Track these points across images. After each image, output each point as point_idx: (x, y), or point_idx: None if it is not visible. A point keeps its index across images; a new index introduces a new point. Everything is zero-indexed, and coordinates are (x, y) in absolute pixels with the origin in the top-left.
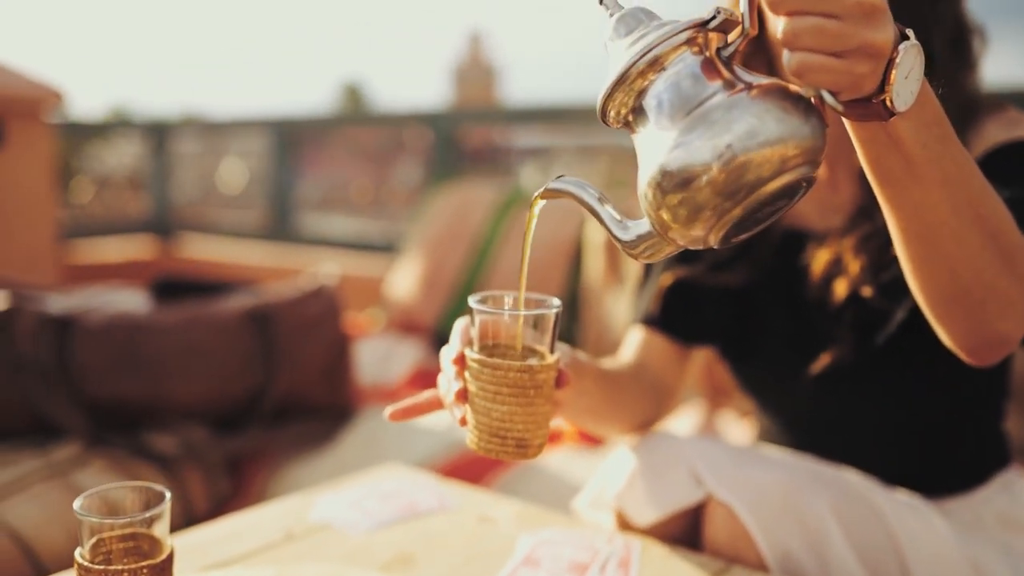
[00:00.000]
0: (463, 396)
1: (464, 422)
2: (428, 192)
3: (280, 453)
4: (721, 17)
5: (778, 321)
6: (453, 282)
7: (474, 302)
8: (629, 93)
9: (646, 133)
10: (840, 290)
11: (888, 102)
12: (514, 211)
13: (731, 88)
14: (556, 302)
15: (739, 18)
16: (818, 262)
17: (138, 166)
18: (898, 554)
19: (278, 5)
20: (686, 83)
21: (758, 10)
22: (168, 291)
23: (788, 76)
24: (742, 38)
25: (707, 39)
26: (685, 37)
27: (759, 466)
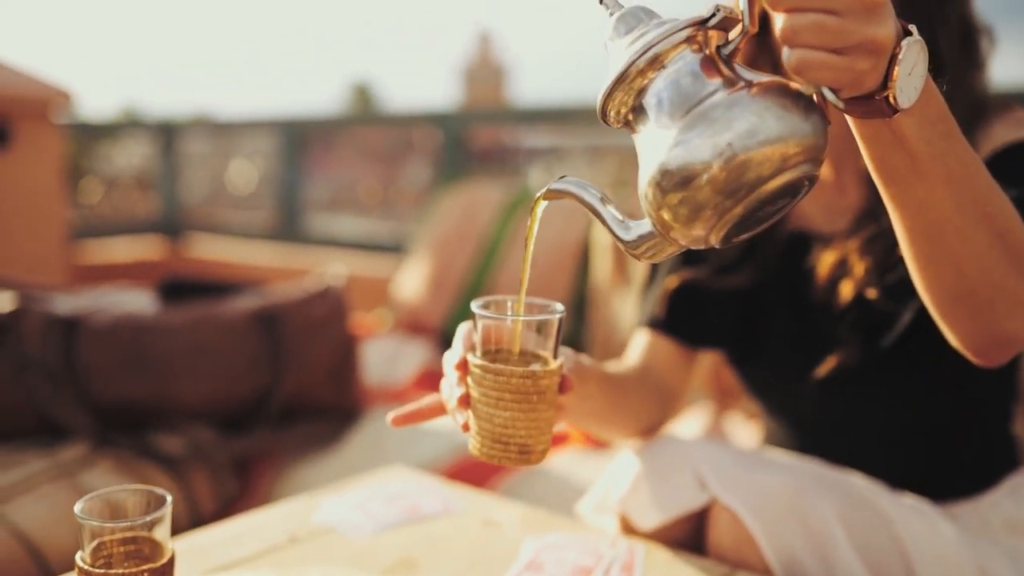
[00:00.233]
0: (465, 402)
1: (467, 428)
2: (436, 192)
3: (287, 454)
4: (721, 15)
5: (783, 323)
6: (460, 283)
7: (476, 307)
8: (629, 92)
9: (646, 132)
10: (846, 292)
11: (891, 99)
12: (522, 211)
13: (731, 86)
14: (559, 307)
15: (739, 16)
16: (824, 264)
17: (147, 166)
18: (904, 558)
19: (288, 5)
20: (686, 81)
21: (763, 9)
22: (175, 292)
23: (791, 75)
24: (742, 36)
25: (707, 37)
26: (685, 35)
27: (764, 470)
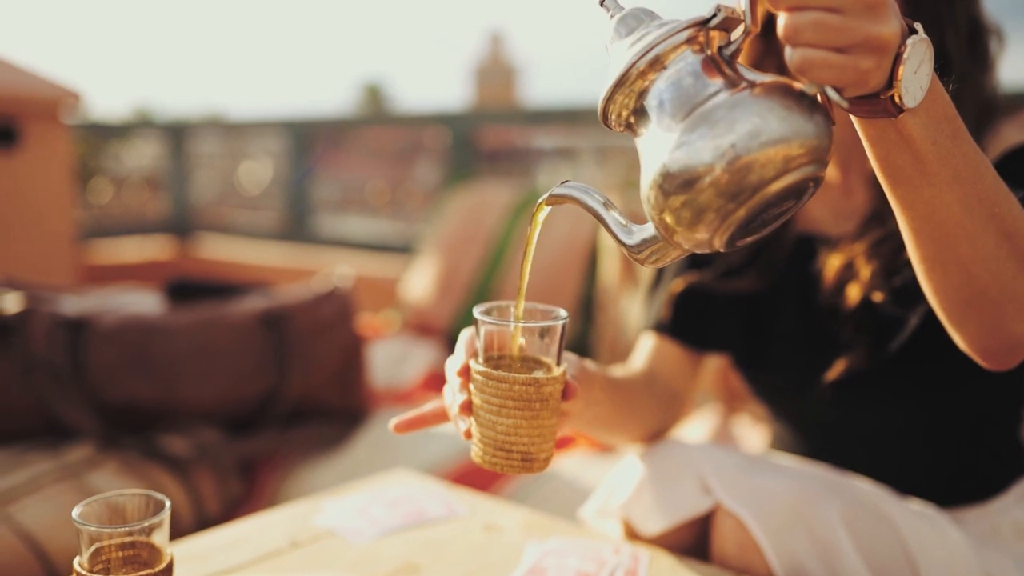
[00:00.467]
0: (468, 408)
1: (469, 435)
2: (445, 193)
3: (293, 455)
4: (722, 15)
5: (790, 327)
6: (469, 284)
7: (479, 313)
8: (630, 94)
9: (648, 135)
10: (852, 295)
11: (896, 98)
12: (530, 212)
13: (733, 86)
14: (563, 313)
15: (741, 16)
16: (830, 267)
17: (157, 166)
18: (910, 565)
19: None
20: (687, 82)
21: (766, 9)
22: (182, 293)
23: (794, 74)
24: (744, 36)
25: (708, 38)
26: (686, 36)
27: (768, 474)
